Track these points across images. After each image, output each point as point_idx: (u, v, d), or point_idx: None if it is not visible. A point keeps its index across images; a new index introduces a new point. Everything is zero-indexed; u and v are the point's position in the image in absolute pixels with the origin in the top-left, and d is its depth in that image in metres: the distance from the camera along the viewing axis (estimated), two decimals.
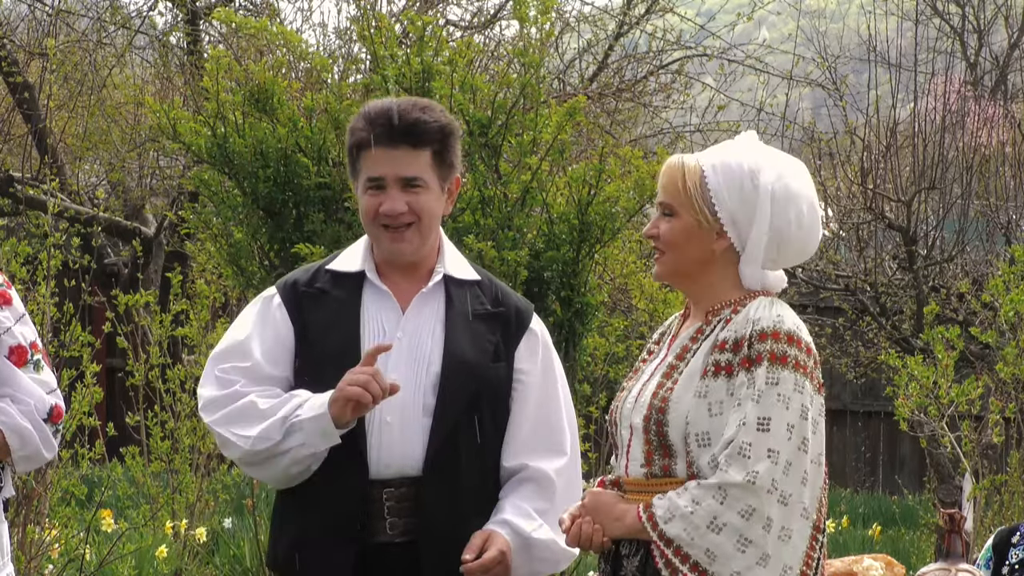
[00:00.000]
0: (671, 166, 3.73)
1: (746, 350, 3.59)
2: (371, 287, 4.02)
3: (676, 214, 3.71)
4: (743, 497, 3.51)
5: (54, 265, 7.56)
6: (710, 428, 3.59)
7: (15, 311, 4.25)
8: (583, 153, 9.71)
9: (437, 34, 6.94)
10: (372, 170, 3.95)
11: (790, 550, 3.56)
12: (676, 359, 3.71)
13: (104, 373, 9.41)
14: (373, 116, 3.96)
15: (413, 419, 3.94)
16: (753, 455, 3.52)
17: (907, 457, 15.24)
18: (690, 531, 3.54)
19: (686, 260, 3.72)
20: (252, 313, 4.05)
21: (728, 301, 3.71)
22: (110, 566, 8.26)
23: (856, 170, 11.40)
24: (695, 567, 3.54)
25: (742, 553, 3.52)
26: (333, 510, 3.91)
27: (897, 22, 14.09)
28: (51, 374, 4.30)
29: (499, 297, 4.10)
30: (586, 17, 13.82)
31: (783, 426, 3.54)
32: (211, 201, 7.14)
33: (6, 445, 4.18)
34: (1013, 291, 7.58)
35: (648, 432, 3.65)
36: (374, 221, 3.97)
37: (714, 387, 3.61)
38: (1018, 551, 5.05)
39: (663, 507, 3.57)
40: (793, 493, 3.54)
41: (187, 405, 8.75)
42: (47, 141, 12.79)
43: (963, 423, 7.69)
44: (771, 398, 3.55)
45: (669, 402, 3.63)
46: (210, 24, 13.29)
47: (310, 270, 4.09)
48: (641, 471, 3.68)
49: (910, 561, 9.71)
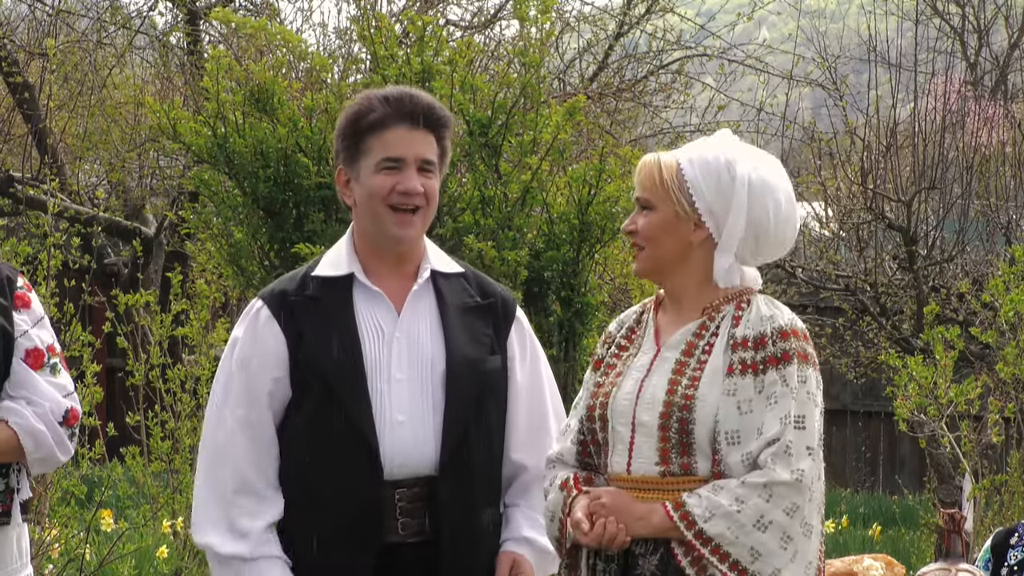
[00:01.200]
0: (647, 163, 3.78)
1: (771, 347, 3.64)
2: (362, 289, 3.99)
3: (654, 207, 3.74)
4: (788, 495, 3.55)
5: (54, 265, 7.57)
6: (740, 426, 3.62)
7: (33, 314, 4.26)
8: (583, 153, 9.70)
9: (437, 34, 6.94)
10: (392, 150, 3.93)
11: (811, 545, 3.63)
12: (684, 355, 3.71)
13: (104, 373, 9.41)
14: (392, 98, 3.95)
15: (423, 419, 3.93)
16: (795, 453, 3.57)
17: (907, 457, 15.23)
18: (734, 529, 3.55)
19: (665, 253, 3.75)
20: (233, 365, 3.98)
21: (727, 297, 3.74)
22: (110, 566, 8.26)
23: (856, 170, 11.41)
24: (735, 566, 3.56)
25: (784, 550, 3.56)
26: (347, 513, 3.89)
27: (897, 22, 14.10)
28: (68, 377, 4.31)
29: (485, 288, 4.10)
30: (586, 17, 13.82)
31: (814, 424, 3.62)
32: (211, 201, 7.14)
33: (21, 447, 4.19)
34: (1013, 291, 7.57)
35: (667, 430, 3.65)
36: (385, 200, 3.93)
37: (742, 385, 3.63)
38: (1016, 552, 5.05)
39: (702, 506, 3.58)
40: (816, 490, 3.62)
41: (187, 405, 8.74)
42: (47, 141, 12.78)
43: (963, 423, 7.68)
44: (803, 396, 3.62)
45: (695, 400, 3.64)
46: (210, 24, 13.28)
47: (296, 278, 4.04)
48: (656, 469, 3.67)
49: (910, 561, 9.71)
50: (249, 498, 3.93)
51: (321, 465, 3.91)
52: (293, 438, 3.95)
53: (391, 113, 3.93)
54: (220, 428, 3.97)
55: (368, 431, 3.88)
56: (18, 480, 4.29)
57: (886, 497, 14.55)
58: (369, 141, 3.95)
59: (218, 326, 9.03)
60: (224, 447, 3.95)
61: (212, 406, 4.02)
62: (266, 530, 3.93)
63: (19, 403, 4.18)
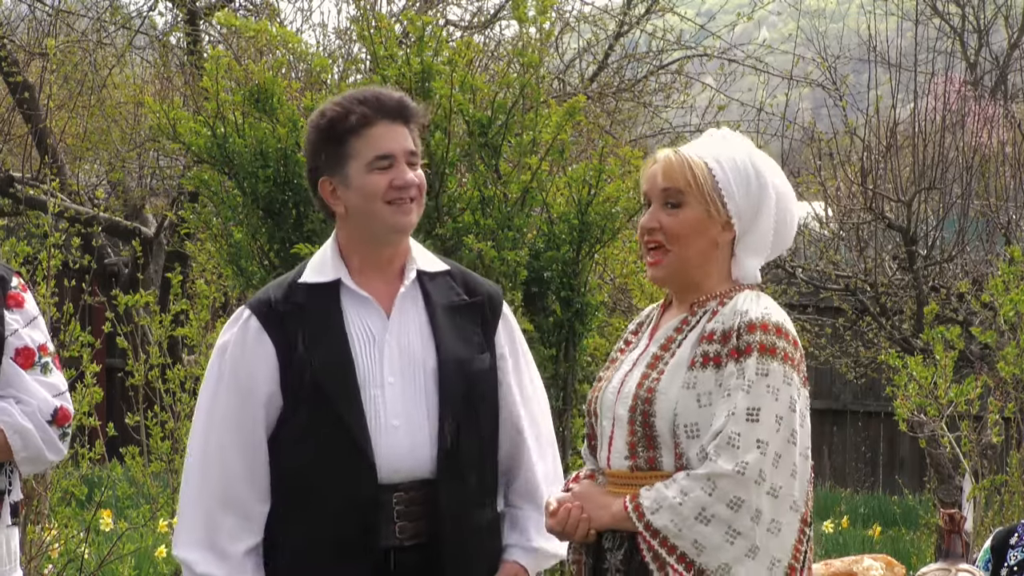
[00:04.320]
0: (674, 160, 3.72)
1: (735, 341, 3.59)
2: (349, 294, 3.98)
3: (685, 204, 3.70)
4: (732, 488, 3.50)
5: (54, 265, 7.57)
6: (699, 419, 3.59)
7: (26, 314, 4.27)
8: (583, 153, 9.70)
9: (437, 34, 6.94)
10: (381, 147, 3.93)
11: (779, 543, 3.55)
12: (661, 349, 3.71)
13: (104, 373, 9.41)
14: (365, 98, 3.97)
15: (418, 422, 3.92)
16: (742, 445, 3.51)
17: (907, 457, 15.23)
18: (678, 522, 3.52)
19: (692, 253, 3.71)
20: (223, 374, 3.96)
21: (714, 293, 3.73)
22: (110, 566, 8.27)
23: (856, 170, 11.40)
24: (682, 558, 3.53)
25: (731, 544, 3.51)
26: (344, 519, 3.89)
27: (897, 22, 14.11)
28: (60, 377, 4.30)
29: (471, 285, 4.09)
30: (586, 17, 13.81)
31: (772, 417, 3.54)
32: (211, 201, 7.14)
33: (7, 445, 4.18)
34: (1013, 291, 7.57)
35: (633, 423, 3.65)
36: (383, 197, 3.93)
37: (702, 378, 3.60)
38: (1016, 552, 5.04)
39: (650, 498, 3.56)
40: (783, 485, 3.54)
41: (187, 405, 8.74)
42: (47, 141, 12.78)
43: (963, 423, 7.68)
44: (760, 389, 3.55)
45: (656, 392, 3.63)
46: (210, 24, 13.29)
47: (282, 286, 4.02)
48: (625, 463, 3.67)
49: (910, 561, 9.71)
50: (235, 516, 3.90)
51: (316, 472, 3.90)
52: (287, 446, 3.93)
53: (369, 112, 3.94)
54: (209, 438, 3.95)
55: (362, 437, 3.87)
56: (9, 481, 4.28)
57: (886, 497, 14.55)
58: (353, 144, 3.94)
59: (218, 326, 9.00)
60: (212, 458, 3.94)
61: (200, 414, 3.99)
62: (246, 555, 3.91)
63: (7, 402, 4.18)
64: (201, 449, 3.96)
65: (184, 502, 3.98)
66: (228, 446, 3.93)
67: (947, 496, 9.16)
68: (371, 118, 3.94)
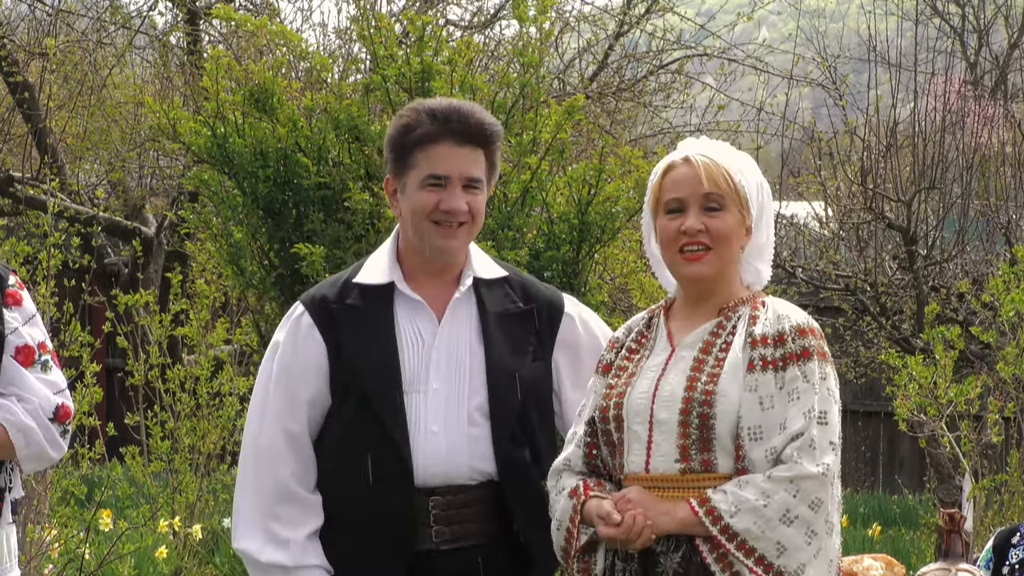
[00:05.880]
0: (711, 164, 3.78)
1: (791, 344, 3.68)
2: (402, 297, 3.99)
3: (725, 208, 3.78)
4: (814, 489, 3.58)
5: (54, 265, 7.57)
6: (763, 422, 3.64)
7: (25, 312, 4.27)
8: (583, 153, 9.70)
9: (437, 34, 6.94)
10: (437, 167, 3.92)
11: (832, 543, 3.66)
12: (702, 353, 3.74)
13: (104, 373, 9.42)
14: (440, 113, 3.94)
15: (458, 428, 3.93)
16: (819, 448, 3.60)
17: (907, 457, 15.24)
18: (761, 524, 3.57)
19: (729, 256, 3.81)
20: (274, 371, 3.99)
21: (741, 298, 3.80)
22: (110, 566, 8.26)
23: (856, 170, 11.40)
24: (760, 560, 3.57)
25: (808, 545, 3.58)
26: (380, 521, 3.90)
27: (897, 22, 14.10)
28: (60, 375, 4.31)
29: (529, 292, 4.09)
30: (586, 17, 13.80)
31: (835, 419, 3.66)
32: (211, 201, 7.13)
33: (10, 443, 4.19)
34: (1013, 291, 7.57)
35: (687, 426, 3.67)
36: (429, 217, 3.93)
37: (763, 381, 3.66)
38: (1018, 551, 5.05)
39: (727, 501, 3.60)
40: (838, 487, 3.66)
41: (187, 405, 8.76)
42: (47, 141, 12.79)
43: (962, 423, 7.68)
44: (824, 392, 3.66)
45: (715, 395, 3.66)
46: (210, 24, 13.28)
47: (336, 284, 4.04)
48: (676, 467, 3.69)
49: (910, 561, 9.70)
50: (291, 506, 3.94)
51: (355, 473, 3.91)
52: (329, 445, 3.96)
53: (438, 129, 3.92)
54: (261, 434, 3.99)
55: (401, 440, 3.89)
56: (10, 479, 4.29)
57: (886, 497, 14.55)
58: (416, 155, 3.94)
59: (217, 326, 9.03)
60: (265, 453, 3.97)
61: (253, 411, 4.03)
62: (308, 539, 3.94)
63: (9, 400, 4.18)
64: (255, 443, 4.00)
65: (239, 497, 4.01)
66: (280, 439, 3.96)
67: (947, 496, 9.15)
68: (436, 136, 3.92)
